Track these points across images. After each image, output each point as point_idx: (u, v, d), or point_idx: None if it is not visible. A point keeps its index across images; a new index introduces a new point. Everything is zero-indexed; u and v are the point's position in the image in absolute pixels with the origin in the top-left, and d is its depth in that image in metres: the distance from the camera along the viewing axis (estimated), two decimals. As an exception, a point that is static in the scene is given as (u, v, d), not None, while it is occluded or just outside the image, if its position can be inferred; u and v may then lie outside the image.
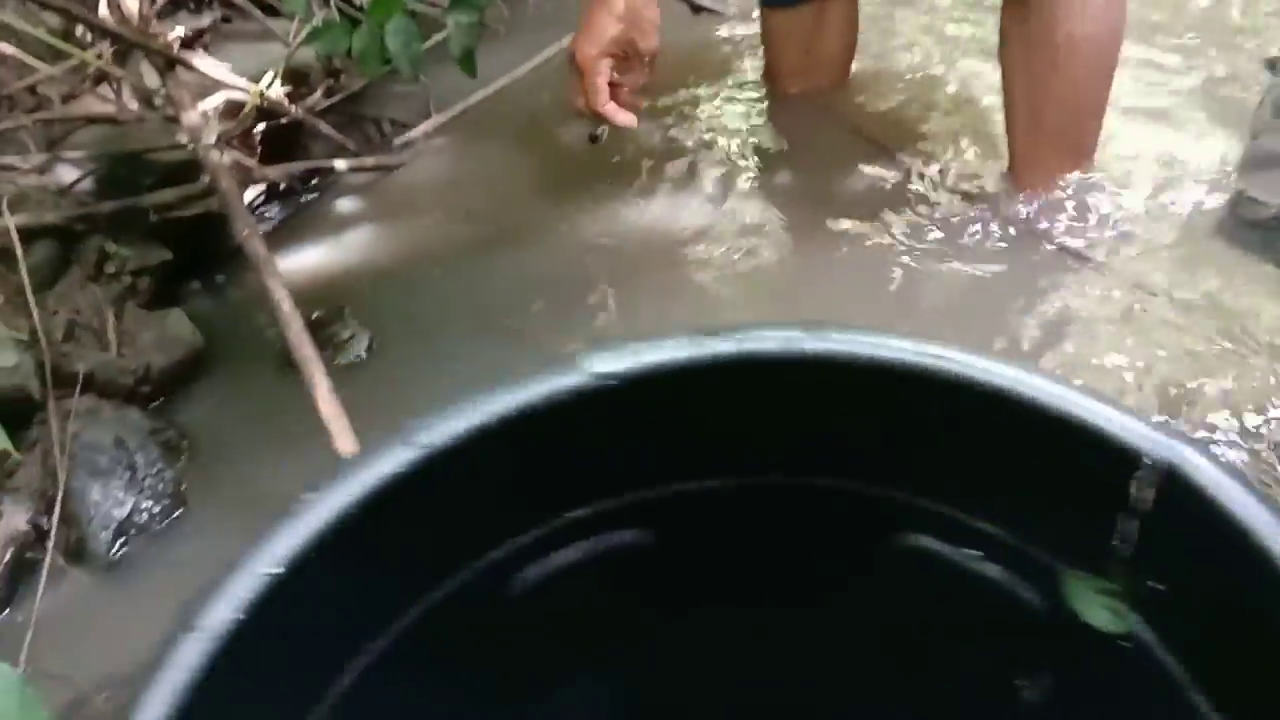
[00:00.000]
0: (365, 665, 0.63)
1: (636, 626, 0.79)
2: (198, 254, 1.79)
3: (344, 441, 1.25)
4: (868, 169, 1.80)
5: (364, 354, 1.62)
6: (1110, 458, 0.62)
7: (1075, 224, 1.64)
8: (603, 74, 1.52)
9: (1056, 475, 0.66)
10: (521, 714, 0.80)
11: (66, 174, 1.70)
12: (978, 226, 1.65)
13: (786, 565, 0.76)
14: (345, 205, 1.95)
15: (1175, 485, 0.60)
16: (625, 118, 1.56)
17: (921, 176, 1.76)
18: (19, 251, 1.47)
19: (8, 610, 1.29)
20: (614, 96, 1.55)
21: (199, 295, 1.77)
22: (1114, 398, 0.65)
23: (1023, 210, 1.66)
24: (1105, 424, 0.62)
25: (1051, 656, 0.70)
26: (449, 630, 0.67)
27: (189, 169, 1.75)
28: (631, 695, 0.84)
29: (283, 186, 1.93)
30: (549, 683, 0.79)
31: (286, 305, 1.44)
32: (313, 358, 1.36)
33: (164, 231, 1.71)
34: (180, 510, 1.42)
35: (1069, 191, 1.65)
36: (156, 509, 1.40)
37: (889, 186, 1.76)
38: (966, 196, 1.71)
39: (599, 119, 1.58)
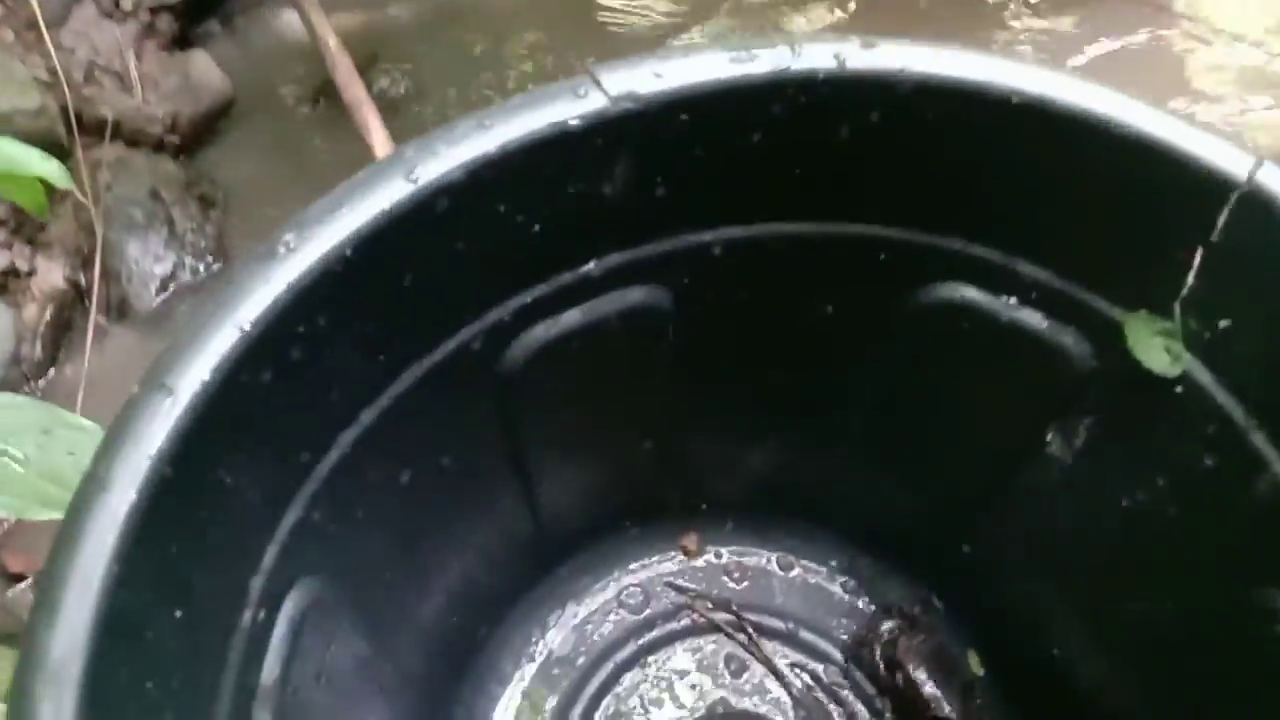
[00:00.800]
0: (357, 437, 0.56)
1: (653, 390, 0.73)
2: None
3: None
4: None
5: (401, 97, 1.49)
6: (1184, 180, 0.55)
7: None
8: None
9: (1119, 205, 0.58)
10: (526, 484, 0.75)
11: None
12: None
13: (814, 321, 0.69)
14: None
15: (1251, 206, 0.54)
16: None
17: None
18: (25, -22, 1.30)
19: (53, 370, 1.21)
20: None
21: (220, 40, 1.60)
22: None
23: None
24: (1180, 141, 0.55)
25: (1097, 405, 0.66)
26: (448, 397, 0.61)
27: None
28: (647, 459, 0.80)
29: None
30: (558, 450, 0.74)
31: (333, 42, 1.31)
32: (365, 99, 1.24)
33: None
34: (223, 265, 1.33)
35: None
36: (199, 266, 1.31)
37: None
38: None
39: None
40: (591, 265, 0.62)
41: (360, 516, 0.60)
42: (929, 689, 0.81)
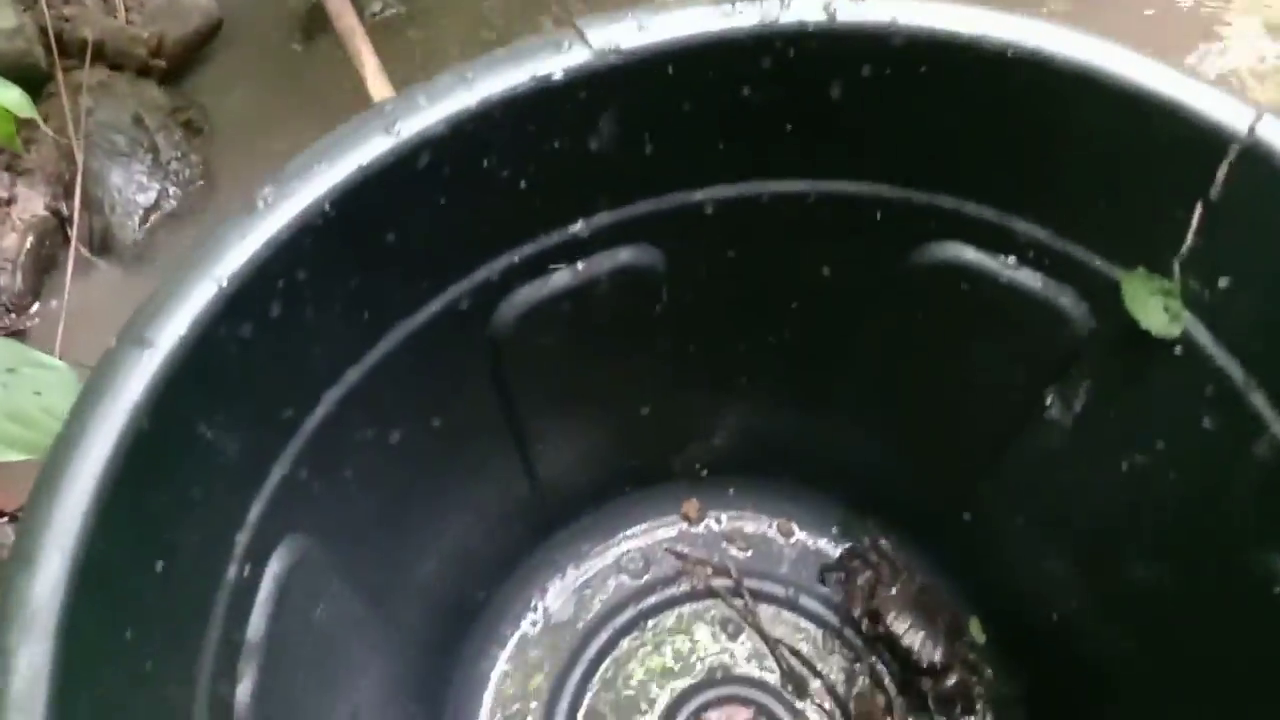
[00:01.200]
0: (343, 396, 0.56)
1: (648, 352, 0.73)
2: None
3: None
4: None
5: (396, 21, 1.45)
6: (1182, 133, 0.53)
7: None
8: None
9: (1117, 160, 0.57)
10: (522, 448, 0.75)
11: None
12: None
13: (810, 283, 0.69)
14: None
15: (1252, 160, 0.52)
16: None
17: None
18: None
19: (37, 303, 1.20)
20: None
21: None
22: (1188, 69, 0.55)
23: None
24: (1177, 93, 0.53)
25: (1096, 367, 0.65)
26: (438, 358, 0.60)
27: None
28: (645, 423, 0.80)
29: None
30: (553, 413, 0.74)
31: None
32: (356, 27, 1.19)
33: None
34: (210, 196, 1.30)
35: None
36: (184, 195, 1.28)
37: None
38: None
39: None
40: (580, 224, 0.61)
41: (349, 476, 0.60)
42: (907, 639, 0.81)
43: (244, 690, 0.52)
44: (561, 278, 0.64)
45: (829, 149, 0.61)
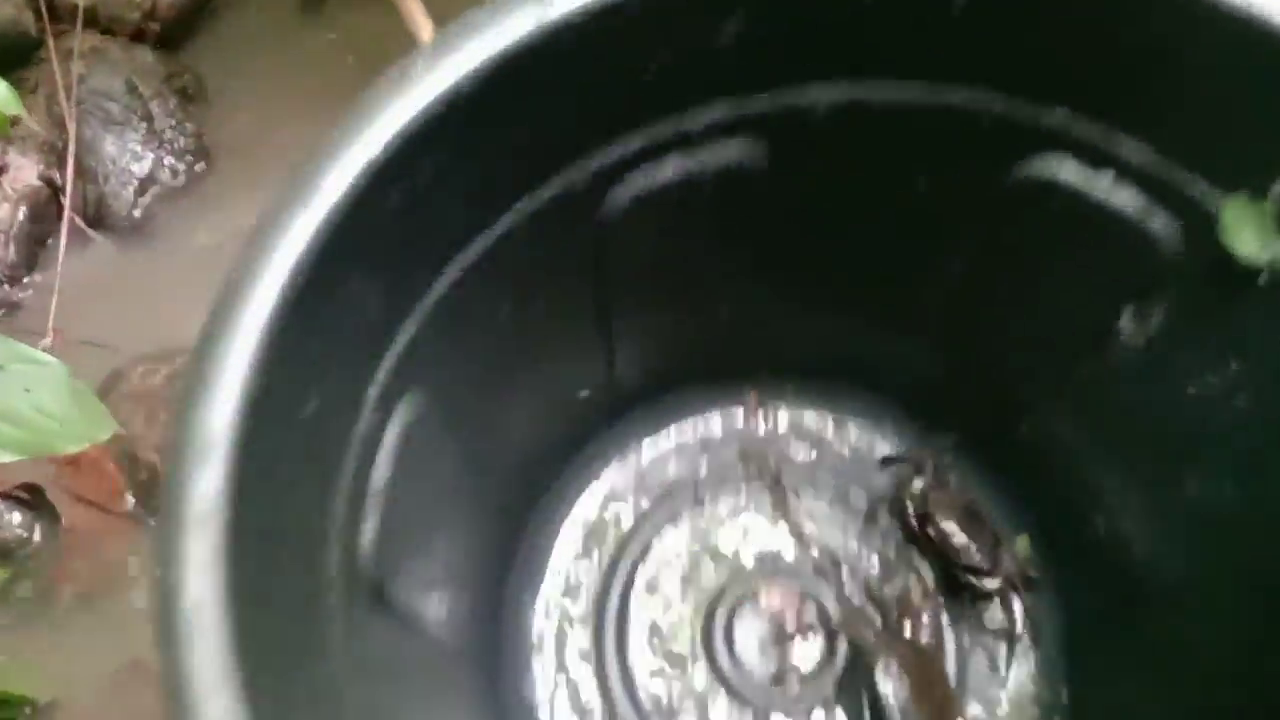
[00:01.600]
0: (468, 265, 0.59)
1: (737, 251, 0.75)
2: None
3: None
4: None
5: None
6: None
7: None
8: None
9: (1224, 81, 0.58)
10: (606, 335, 0.78)
11: None
12: None
13: (905, 195, 0.70)
14: None
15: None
16: None
17: None
18: None
19: (31, 275, 1.20)
20: None
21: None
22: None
23: None
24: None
25: (1177, 290, 0.67)
26: (551, 238, 0.63)
27: None
28: (721, 320, 0.82)
29: None
30: (640, 304, 0.76)
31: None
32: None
33: None
34: (204, 166, 1.28)
35: None
36: (180, 165, 1.27)
37: None
38: None
39: None
40: (694, 114, 0.63)
41: (462, 342, 0.63)
42: (959, 539, 0.86)
43: (366, 537, 0.57)
44: (670, 167, 0.65)
45: (948, 50, 0.62)
